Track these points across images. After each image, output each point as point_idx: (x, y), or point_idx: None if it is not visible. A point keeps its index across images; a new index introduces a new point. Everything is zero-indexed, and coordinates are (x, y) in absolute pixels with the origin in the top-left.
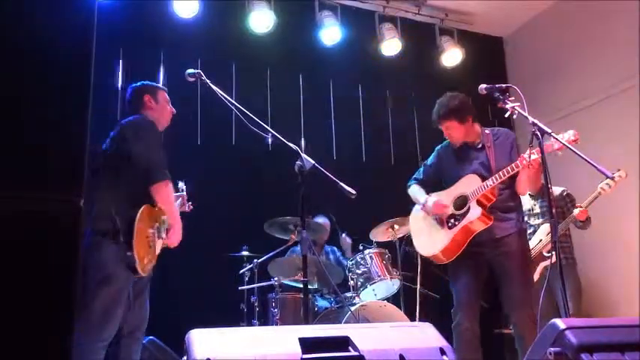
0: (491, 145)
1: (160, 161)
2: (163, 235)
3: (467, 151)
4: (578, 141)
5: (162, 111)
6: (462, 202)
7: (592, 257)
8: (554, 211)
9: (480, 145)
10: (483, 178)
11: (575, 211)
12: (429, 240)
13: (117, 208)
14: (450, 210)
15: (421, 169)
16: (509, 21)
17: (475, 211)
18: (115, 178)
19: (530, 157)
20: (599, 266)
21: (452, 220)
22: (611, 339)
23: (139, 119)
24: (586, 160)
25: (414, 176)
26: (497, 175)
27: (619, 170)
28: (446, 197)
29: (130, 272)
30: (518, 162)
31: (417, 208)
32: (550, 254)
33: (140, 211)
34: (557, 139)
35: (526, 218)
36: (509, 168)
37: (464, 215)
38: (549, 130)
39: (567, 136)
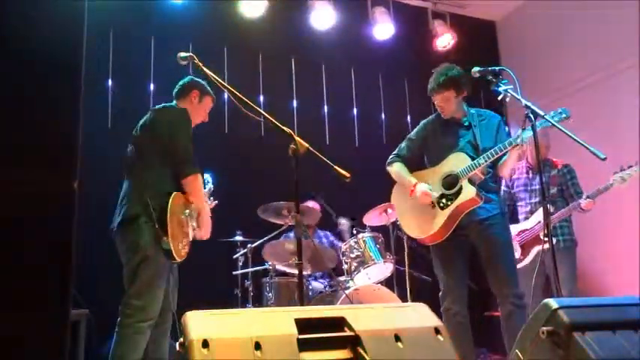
0: (477, 125)
1: (192, 154)
2: (194, 223)
3: (454, 128)
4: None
5: (198, 112)
6: (452, 181)
7: (591, 239)
8: (545, 194)
9: (467, 123)
10: (470, 158)
11: (583, 202)
12: (421, 221)
13: (150, 193)
14: (440, 190)
15: (403, 145)
16: (501, 4)
17: (470, 190)
18: (147, 164)
19: (520, 139)
20: (598, 249)
21: (443, 201)
22: (602, 318)
23: (176, 108)
24: (577, 141)
25: (396, 152)
26: (488, 154)
27: (636, 164)
28: (432, 176)
29: (167, 258)
30: (508, 142)
31: (398, 187)
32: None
33: (172, 197)
34: (550, 121)
35: (523, 195)
36: (501, 146)
37: (456, 195)
38: (542, 113)
39: (560, 114)
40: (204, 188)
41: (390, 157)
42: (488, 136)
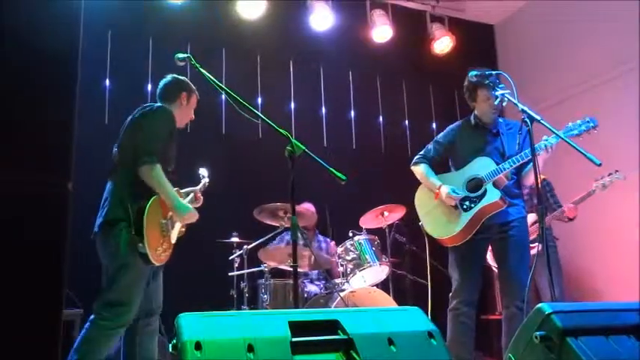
0: (505, 133)
1: (153, 146)
2: (177, 225)
3: (483, 134)
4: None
5: (186, 113)
6: (476, 184)
7: (577, 243)
8: (542, 198)
9: (494, 130)
10: (496, 163)
11: (566, 207)
12: (443, 222)
13: (129, 197)
14: (464, 193)
15: (431, 147)
16: (500, 8)
17: (494, 194)
18: (126, 167)
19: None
20: (585, 252)
21: (467, 203)
22: (595, 323)
23: (157, 107)
24: (574, 147)
25: (422, 154)
26: (514, 159)
27: (617, 172)
28: (457, 178)
29: (144, 262)
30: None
31: (423, 188)
32: (535, 244)
33: (150, 201)
34: (546, 125)
35: None
36: (528, 151)
37: (480, 197)
38: (539, 117)
39: (587, 123)
40: (199, 183)
41: (416, 157)
42: (514, 143)
